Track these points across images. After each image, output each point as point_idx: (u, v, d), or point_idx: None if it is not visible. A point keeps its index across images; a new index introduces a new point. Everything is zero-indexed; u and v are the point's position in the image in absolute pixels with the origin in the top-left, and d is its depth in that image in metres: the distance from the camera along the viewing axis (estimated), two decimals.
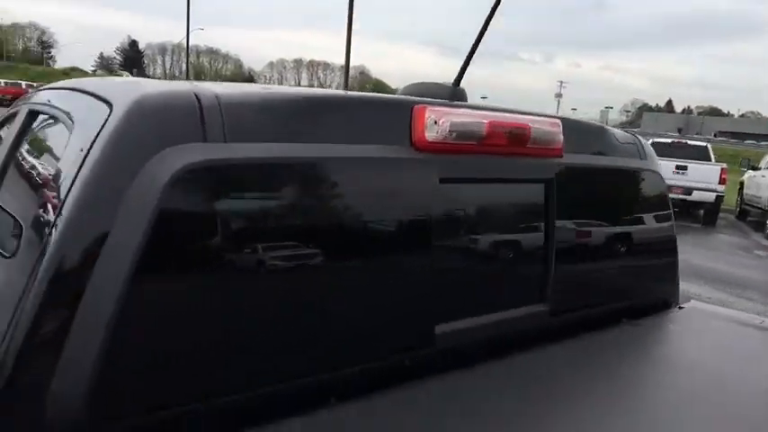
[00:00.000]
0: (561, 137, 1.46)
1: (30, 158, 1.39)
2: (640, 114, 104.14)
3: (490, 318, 1.36)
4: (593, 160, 1.60)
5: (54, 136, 1.23)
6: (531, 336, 1.42)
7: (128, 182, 0.92)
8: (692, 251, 10.06)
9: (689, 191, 12.72)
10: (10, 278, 0.98)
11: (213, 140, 0.98)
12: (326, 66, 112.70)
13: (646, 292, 1.78)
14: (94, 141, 0.97)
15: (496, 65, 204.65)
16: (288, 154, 1.06)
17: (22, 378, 0.86)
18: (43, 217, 0.98)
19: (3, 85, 34.56)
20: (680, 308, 1.86)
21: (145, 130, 0.97)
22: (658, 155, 10.20)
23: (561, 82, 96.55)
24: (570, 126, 1.54)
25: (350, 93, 1.40)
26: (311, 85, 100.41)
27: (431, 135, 1.23)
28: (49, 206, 0.99)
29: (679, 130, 61.75)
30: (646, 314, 1.71)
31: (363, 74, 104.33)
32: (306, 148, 1.09)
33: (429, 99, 1.33)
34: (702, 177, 12.67)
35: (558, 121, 1.48)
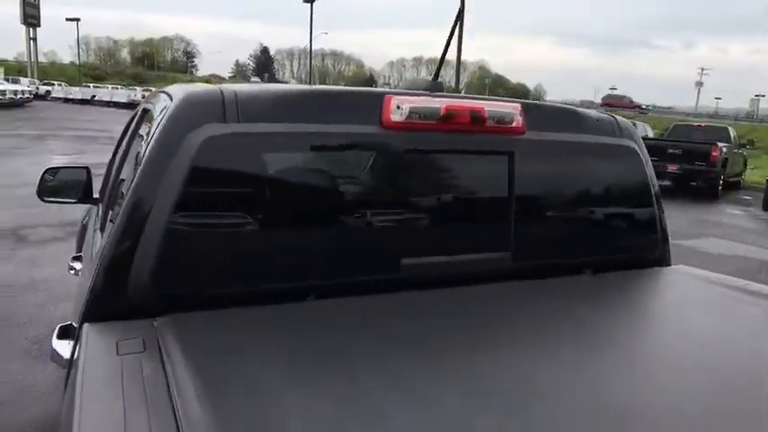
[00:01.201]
0: (521, 117, 1.73)
1: (136, 138, 2.00)
2: None
3: (453, 258, 1.66)
4: (560, 137, 1.83)
5: (148, 120, 1.79)
6: (492, 276, 1.69)
7: (177, 146, 1.40)
8: None
9: None
10: (116, 212, 1.51)
11: (230, 121, 1.44)
12: (447, 63, 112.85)
13: (613, 249, 1.95)
14: (161, 120, 1.48)
15: (625, 53, 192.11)
16: (284, 130, 1.48)
17: (118, 263, 1.38)
18: (134, 172, 1.48)
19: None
20: (661, 268, 2.00)
21: (188, 114, 1.45)
22: None
23: (702, 69, 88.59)
24: (536, 109, 1.85)
25: (337, 87, 1.74)
26: None
27: (395, 117, 1.58)
28: (137, 167, 1.49)
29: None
30: (612, 269, 1.88)
31: (483, 68, 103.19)
32: (298, 126, 1.50)
33: (403, 90, 1.71)
34: None
35: (517, 105, 1.75)
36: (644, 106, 49.05)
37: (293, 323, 1.36)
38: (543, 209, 1.85)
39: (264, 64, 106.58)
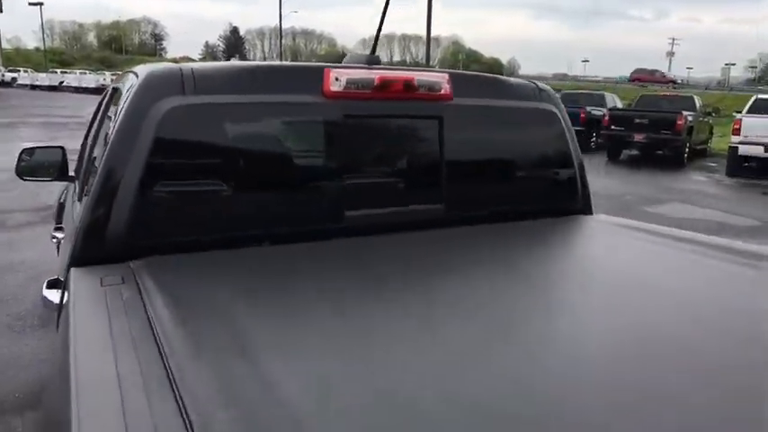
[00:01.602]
0: (448, 85, 1.94)
1: (107, 116, 2.15)
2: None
3: (391, 209, 1.87)
4: (485, 102, 2.04)
5: (117, 98, 1.95)
6: (428, 225, 1.90)
7: (142, 117, 1.58)
8: None
9: None
10: (92, 181, 1.69)
11: (189, 94, 1.62)
12: (418, 39, 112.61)
13: (538, 201, 2.18)
14: (128, 96, 1.66)
15: (600, 25, 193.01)
16: (237, 101, 1.67)
17: (97, 220, 1.56)
18: (107, 143, 1.65)
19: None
20: (582, 216, 2.24)
21: (151, 88, 1.62)
22: (760, 111, 10.33)
23: (673, 39, 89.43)
24: (463, 78, 2.07)
25: (281, 63, 1.92)
26: (403, 59, 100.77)
27: (334, 87, 1.78)
28: (108, 138, 1.67)
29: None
30: (534, 218, 2.10)
31: (456, 43, 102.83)
32: (249, 96, 1.69)
33: (343, 64, 1.91)
34: None
35: (445, 74, 1.97)
36: (678, 81, 48.60)
37: (249, 262, 1.56)
38: (471, 166, 2.06)
39: (234, 44, 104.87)
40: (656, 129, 13.97)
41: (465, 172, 2.03)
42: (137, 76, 1.72)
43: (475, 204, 2.04)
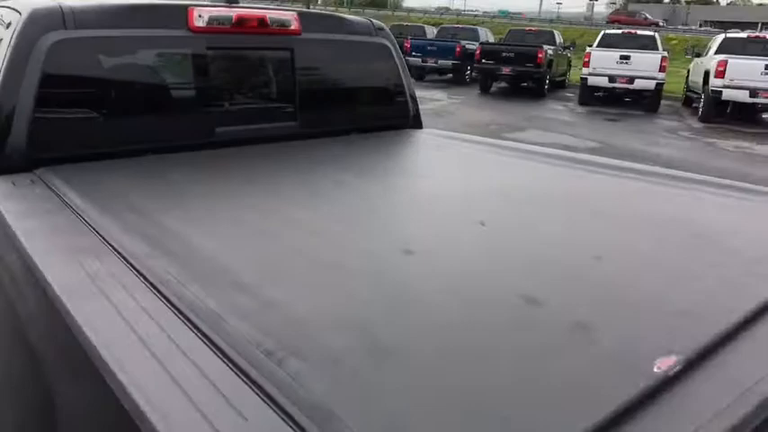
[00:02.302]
0: (296, 22, 2.37)
1: None
2: (626, 6, 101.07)
3: (253, 126, 2.31)
4: (328, 36, 2.51)
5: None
6: (285, 138, 2.36)
7: (30, 49, 1.84)
8: (620, 134, 11.00)
9: (632, 80, 13.48)
10: None
11: (69, 28, 1.91)
12: None
13: (375, 118, 2.73)
14: (13, 33, 1.90)
15: None
16: (113, 35, 1.98)
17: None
18: None
19: None
20: (413, 129, 2.80)
21: (36, 25, 1.88)
22: (607, 45, 11.51)
23: None
24: (310, 16, 2.51)
25: (152, 1, 2.24)
26: None
27: (198, 23, 2.15)
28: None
29: (665, 21, 60.44)
30: (374, 132, 2.66)
31: None
32: (123, 31, 2.01)
33: (207, 3, 2.26)
34: (644, 66, 13.36)
35: (294, 13, 2.40)
36: (660, 23, 48.57)
37: (137, 167, 1.92)
38: (320, 90, 2.53)
39: None
40: (520, 62, 15.07)
41: (314, 95, 2.48)
42: (19, 13, 1.94)
43: (323, 122, 2.52)
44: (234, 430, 0.64)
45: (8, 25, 1.98)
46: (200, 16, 2.14)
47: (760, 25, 46.54)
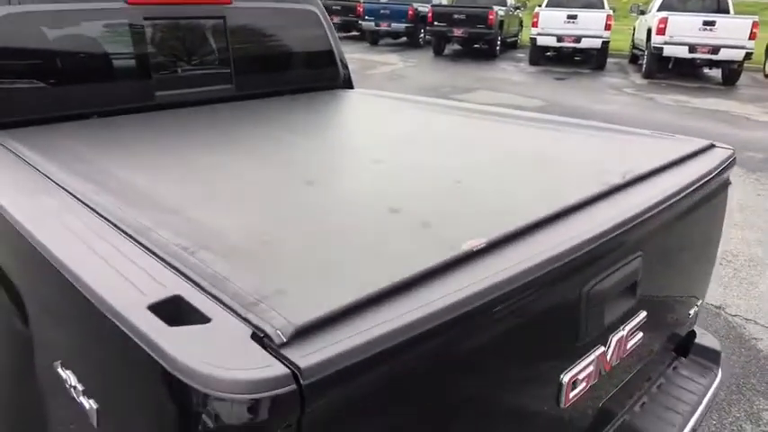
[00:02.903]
0: None
1: None
2: None
3: (192, 90, 2.50)
4: (258, 4, 2.70)
5: None
6: (222, 101, 2.56)
7: None
8: (567, 92, 11.41)
9: (578, 39, 13.87)
10: None
11: (14, 4, 2.06)
12: None
13: (307, 80, 2.96)
14: None
15: None
16: (55, 8, 2.14)
17: None
18: None
19: None
20: (344, 90, 3.04)
21: None
22: (556, 5, 12.30)
23: None
24: None
25: None
26: None
27: None
28: None
29: None
30: (308, 92, 2.89)
31: None
32: (65, 5, 2.16)
33: None
34: (590, 25, 13.74)
35: None
36: None
37: (86, 129, 2.08)
38: (252, 55, 2.72)
39: None
40: (472, 24, 15.27)
41: (248, 59, 2.68)
42: None
43: (258, 84, 2.71)
44: (152, 291, 0.92)
45: None
46: None
47: None
